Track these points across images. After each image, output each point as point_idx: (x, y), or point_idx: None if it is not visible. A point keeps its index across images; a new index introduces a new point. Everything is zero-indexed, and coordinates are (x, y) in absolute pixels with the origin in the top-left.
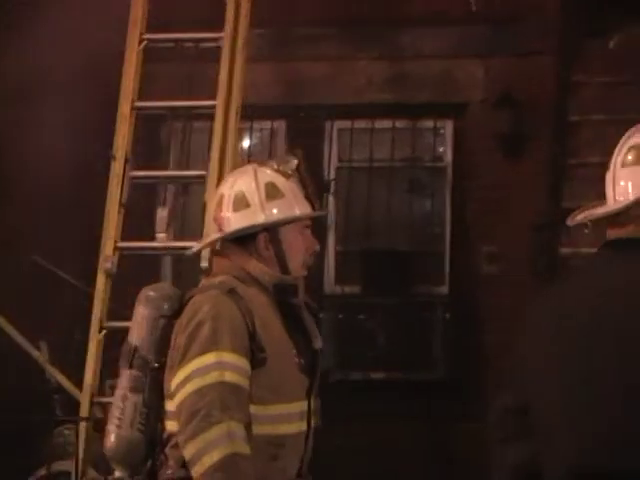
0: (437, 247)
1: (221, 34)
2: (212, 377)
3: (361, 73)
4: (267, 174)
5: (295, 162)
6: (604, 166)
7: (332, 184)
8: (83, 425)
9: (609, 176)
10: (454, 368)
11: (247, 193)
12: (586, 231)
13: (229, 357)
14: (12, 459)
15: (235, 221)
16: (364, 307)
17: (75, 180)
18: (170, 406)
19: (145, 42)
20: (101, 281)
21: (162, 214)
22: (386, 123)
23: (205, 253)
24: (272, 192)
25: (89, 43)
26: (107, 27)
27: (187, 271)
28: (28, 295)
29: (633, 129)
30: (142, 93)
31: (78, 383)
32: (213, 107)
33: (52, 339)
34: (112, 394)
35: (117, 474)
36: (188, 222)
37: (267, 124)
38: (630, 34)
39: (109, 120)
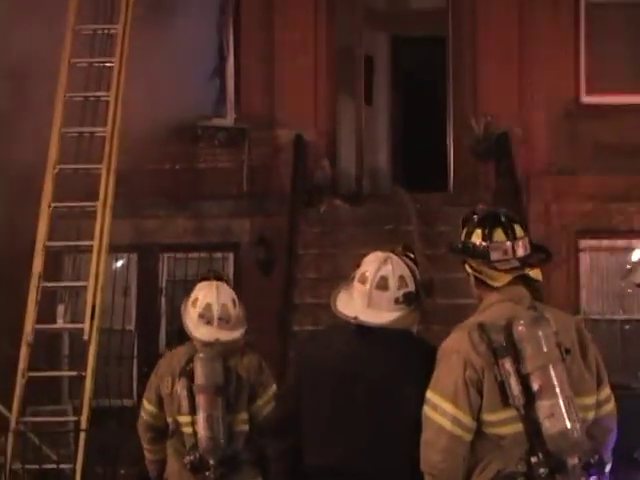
0: None
1: (95, 203)
2: None
3: (180, 226)
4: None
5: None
6: (320, 280)
7: (164, 290)
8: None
9: (364, 288)
10: None
11: None
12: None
13: None
14: None
15: None
16: None
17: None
18: (245, 415)
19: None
20: (24, 349)
21: (61, 308)
22: (195, 254)
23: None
24: None
25: None
26: None
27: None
28: None
29: (380, 261)
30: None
31: None
32: (91, 246)
33: None
34: None
35: (212, 462)
36: (79, 313)
37: (125, 255)
38: (331, 205)
39: None
